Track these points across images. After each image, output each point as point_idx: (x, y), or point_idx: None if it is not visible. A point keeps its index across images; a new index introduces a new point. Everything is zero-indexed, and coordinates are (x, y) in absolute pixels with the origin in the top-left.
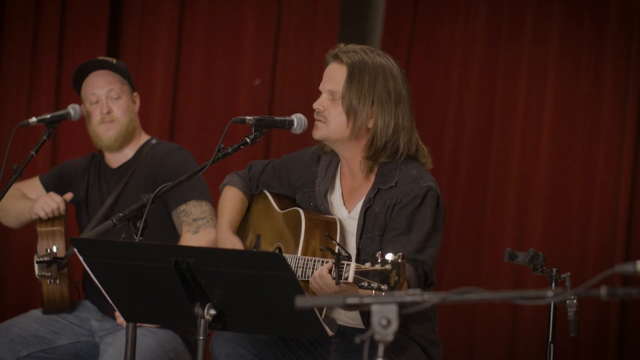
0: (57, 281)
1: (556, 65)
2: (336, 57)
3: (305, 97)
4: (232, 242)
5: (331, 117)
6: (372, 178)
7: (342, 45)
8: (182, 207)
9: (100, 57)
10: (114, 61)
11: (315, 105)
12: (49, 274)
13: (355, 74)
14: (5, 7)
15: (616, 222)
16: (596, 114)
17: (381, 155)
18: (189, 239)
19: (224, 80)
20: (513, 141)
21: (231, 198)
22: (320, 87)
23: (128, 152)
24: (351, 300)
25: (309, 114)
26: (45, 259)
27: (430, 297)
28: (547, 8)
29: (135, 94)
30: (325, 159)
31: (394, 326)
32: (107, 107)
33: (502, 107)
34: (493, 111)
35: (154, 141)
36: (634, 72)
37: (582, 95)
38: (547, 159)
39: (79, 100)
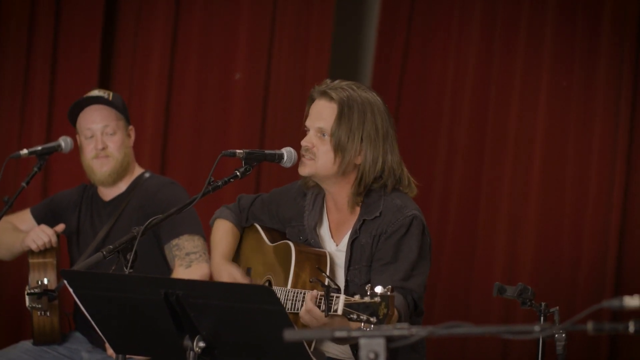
0: (48, 313)
1: (548, 82)
2: (325, 94)
3: (298, 113)
4: (228, 272)
5: (320, 154)
6: (357, 210)
7: (328, 81)
8: (175, 242)
9: (96, 91)
10: (110, 96)
11: (304, 143)
12: (40, 305)
13: (344, 111)
14: None
15: (606, 257)
16: (587, 138)
17: (368, 190)
18: (181, 273)
19: (216, 105)
20: (504, 170)
21: (223, 230)
22: (308, 124)
23: (121, 186)
24: (339, 334)
25: (300, 137)
26: (36, 290)
27: (417, 331)
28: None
29: (131, 127)
30: (311, 192)
31: None
32: (103, 143)
33: (494, 134)
34: (485, 136)
35: (147, 175)
36: (625, 82)
37: (574, 123)
38: (537, 189)
39: (70, 129)
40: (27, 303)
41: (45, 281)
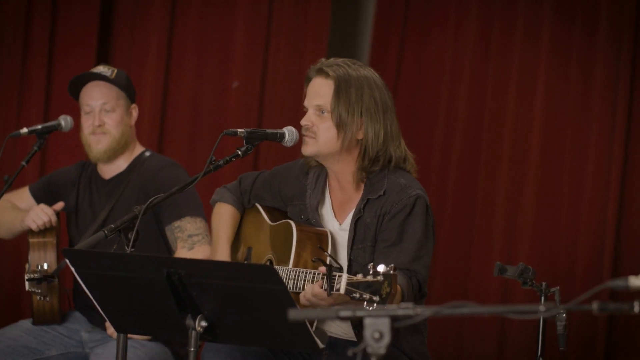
0: (48, 298)
1: (546, 74)
2: (321, 72)
3: (294, 106)
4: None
5: (320, 132)
6: (362, 189)
7: (323, 60)
8: (177, 223)
9: (101, 67)
10: (113, 74)
11: (303, 122)
12: (40, 290)
13: (342, 87)
14: None
15: (604, 236)
16: (585, 126)
17: (374, 165)
18: (184, 255)
19: (214, 88)
20: (502, 153)
21: (224, 216)
22: (306, 103)
23: (121, 164)
24: (344, 313)
25: (299, 121)
26: (36, 276)
27: (423, 311)
28: (537, 14)
29: (134, 105)
30: (313, 171)
31: (387, 339)
32: (100, 120)
33: (491, 119)
34: (482, 123)
35: (147, 153)
36: (623, 75)
37: (571, 107)
38: (535, 172)
39: (68, 109)
40: (27, 287)
41: (45, 266)
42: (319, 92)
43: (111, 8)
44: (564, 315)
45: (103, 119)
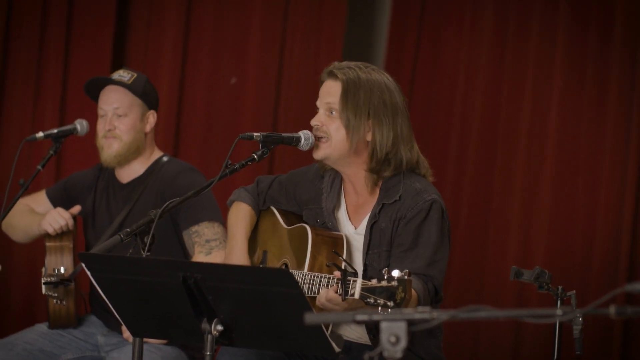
0: (64, 302)
1: (561, 78)
2: (331, 74)
3: (310, 109)
4: (238, 262)
5: (332, 132)
6: (377, 193)
7: (336, 63)
8: (195, 228)
9: (121, 71)
10: (131, 79)
11: (314, 122)
12: (56, 294)
13: (350, 89)
14: (11, 17)
15: (619, 240)
16: (600, 130)
17: (385, 169)
18: (201, 260)
19: (229, 91)
20: (517, 156)
21: (242, 213)
22: (317, 104)
23: (138, 168)
24: (360, 317)
25: (315, 114)
26: (52, 279)
27: (439, 315)
28: (552, 16)
29: (151, 112)
30: (328, 175)
31: (403, 343)
32: (110, 124)
33: (506, 123)
34: (497, 125)
35: (165, 158)
36: (639, 78)
37: (587, 111)
38: (550, 176)
39: (84, 113)
40: (44, 291)
41: (62, 270)
42: (329, 92)
43: (126, 13)
44: (581, 319)
45: (114, 123)
